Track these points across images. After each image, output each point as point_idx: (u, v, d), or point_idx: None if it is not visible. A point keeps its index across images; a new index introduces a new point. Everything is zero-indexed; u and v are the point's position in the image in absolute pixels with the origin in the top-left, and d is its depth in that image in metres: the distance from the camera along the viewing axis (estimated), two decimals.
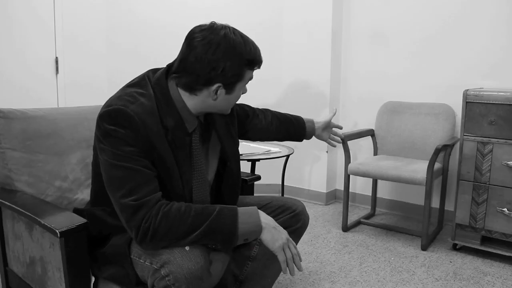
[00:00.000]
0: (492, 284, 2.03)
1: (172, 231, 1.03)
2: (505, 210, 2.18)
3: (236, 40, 1.11)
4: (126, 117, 1.06)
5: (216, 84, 1.12)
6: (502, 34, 2.54)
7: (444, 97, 2.74)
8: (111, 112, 1.07)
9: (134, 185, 1.04)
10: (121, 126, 1.06)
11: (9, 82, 2.75)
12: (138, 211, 1.03)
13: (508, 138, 2.15)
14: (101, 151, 1.09)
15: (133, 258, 1.12)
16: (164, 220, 1.03)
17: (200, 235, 1.05)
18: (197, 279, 1.02)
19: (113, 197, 1.08)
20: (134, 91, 1.13)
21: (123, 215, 1.05)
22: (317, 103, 3.18)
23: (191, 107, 1.16)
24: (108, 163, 1.07)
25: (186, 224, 1.04)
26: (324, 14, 3.06)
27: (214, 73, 1.09)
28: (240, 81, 1.15)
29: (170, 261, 1.03)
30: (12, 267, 1.46)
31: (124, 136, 1.05)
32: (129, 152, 1.05)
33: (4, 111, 1.39)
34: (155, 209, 1.04)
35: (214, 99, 1.15)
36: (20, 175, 1.39)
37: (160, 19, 3.21)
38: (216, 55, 1.08)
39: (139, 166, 1.06)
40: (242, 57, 1.11)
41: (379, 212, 3.10)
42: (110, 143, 1.06)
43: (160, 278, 1.03)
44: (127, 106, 1.07)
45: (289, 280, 2.06)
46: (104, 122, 1.07)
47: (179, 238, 1.04)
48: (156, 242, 1.04)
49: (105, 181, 1.10)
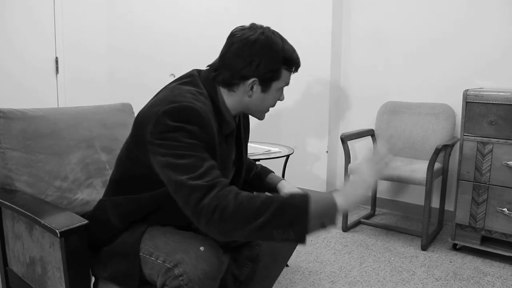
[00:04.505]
0: (492, 284, 2.03)
1: (242, 211, 0.96)
2: (505, 210, 2.18)
3: (273, 39, 1.14)
4: (195, 114, 1.04)
5: (252, 79, 1.13)
6: (502, 34, 2.54)
7: (444, 97, 2.74)
8: (179, 108, 1.03)
9: (204, 170, 0.99)
10: (190, 123, 1.02)
11: (9, 82, 2.75)
12: (211, 190, 0.97)
13: (508, 138, 2.15)
14: (158, 146, 1.03)
15: (143, 255, 1.10)
16: (235, 199, 0.96)
17: (270, 216, 0.95)
18: (210, 280, 1.02)
19: (179, 186, 0.99)
20: (193, 89, 1.13)
21: (192, 196, 0.97)
22: (317, 103, 3.18)
23: (230, 106, 1.18)
24: (171, 155, 1.01)
25: (256, 204, 0.96)
26: (324, 15, 3.06)
27: (250, 68, 1.12)
28: (276, 80, 1.15)
29: (184, 261, 1.01)
30: (12, 267, 1.46)
31: (191, 132, 1.02)
32: (194, 144, 1.02)
33: (4, 111, 1.39)
34: (227, 189, 0.99)
35: (249, 95, 1.16)
36: (20, 175, 1.39)
37: (159, 21, 3.21)
38: (253, 50, 1.11)
39: (205, 155, 1.03)
40: (278, 54, 1.13)
41: (379, 212, 3.10)
42: (172, 137, 1.02)
43: (173, 278, 1.02)
44: (194, 103, 1.06)
45: (289, 280, 2.06)
46: (168, 119, 1.02)
47: (249, 220, 0.95)
48: (225, 222, 0.95)
49: (165, 177, 1.03)
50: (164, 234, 1.12)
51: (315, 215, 0.96)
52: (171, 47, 3.35)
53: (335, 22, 3.08)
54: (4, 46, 2.72)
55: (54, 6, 2.92)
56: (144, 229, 1.15)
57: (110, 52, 3.25)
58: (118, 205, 1.21)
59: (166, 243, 1.09)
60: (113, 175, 1.27)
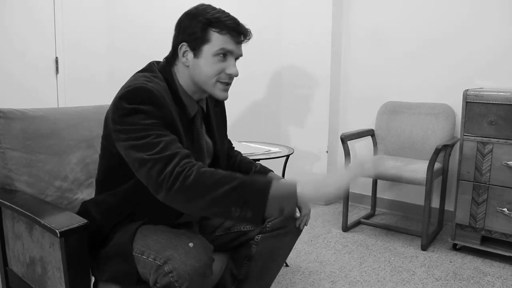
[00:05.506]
0: (492, 284, 2.03)
1: (203, 181, 0.98)
2: (505, 210, 2.18)
3: (202, 7, 1.18)
4: (147, 93, 1.08)
5: (181, 44, 1.17)
6: (502, 34, 2.54)
7: (444, 97, 2.74)
8: (132, 90, 1.08)
9: (163, 145, 1.03)
10: (143, 103, 1.06)
11: (9, 82, 2.75)
12: (172, 159, 1.01)
13: (508, 138, 2.15)
14: (118, 132, 1.08)
15: (136, 255, 1.11)
16: (196, 169, 1.00)
17: (230, 189, 0.97)
18: (200, 276, 1.02)
19: (142, 162, 1.03)
20: (147, 74, 1.17)
21: (154, 168, 1.01)
22: (317, 103, 3.18)
23: (186, 87, 1.21)
24: (132, 138, 1.05)
25: (218, 176, 0.99)
26: (324, 15, 3.06)
27: (178, 35, 1.19)
28: (206, 43, 1.16)
29: (173, 257, 1.02)
30: (12, 267, 1.46)
31: (147, 112, 1.06)
32: (151, 124, 1.06)
33: (4, 111, 1.39)
34: (188, 159, 1.02)
35: (186, 64, 1.18)
36: (20, 175, 1.39)
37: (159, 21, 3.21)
38: (181, 19, 1.20)
39: (164, 132, 1.06)
40: (201, 16, 1.16)
41: (379, 212, 3.10)
42: (131, 121, 1.06)
43: (163, 275, 1.03)
44: (147, 84, 1.10)
45: (289, 280, 2.06)
46: (124, 102, 1.07)
47: (209, 190, 0.98)
48: (185, 190, 0.98)
49: (129, 158, 1.06)
50: (155, 233, 1.13)
51: (275, 199, 0.97)
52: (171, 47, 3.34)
53: (335, 22, 3.08)
54: (4, 46, 2.72)
55: (54, 6, 2.92)
56: (136, 228, 1.16)
57: (110, 52, 3.25)
58: (98, 203, 1.25)
59: (157, 241, 1.10)
60: (96, 176, 1.32)
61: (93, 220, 1.20)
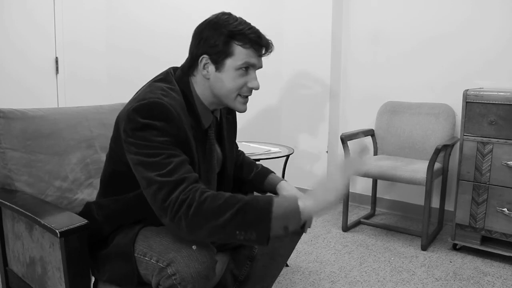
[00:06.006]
0: (492, 284, 2.03)
1: (205, 208, 0.98)
2: (505, 210, 2.18)
3: (223, 17, 1.15)
4: (163, 110, 1.05)
5: (202, 56, 1.15)
6: (502, 34, 2.54)
7: (444, 97, 2.74)
8: (147, 105, 1.05)
9: (172, 166, 1.02)
10: (157, 119, 1.04)
11: (9, 82, 2.75)
12: (179, 185, 1.00)
13: (508, 138, 2.15)
14: (129, 145, 1.06)
15: (138, 256, 1.11)
16: (200, 196, 0.99)
17: (233, 215, 0.97)
18: (203, 279, 1.02)
19: (149, 182, 1.02)
20: (164, 86, 1.14)
21: (161, 192, 1.00)
22: (317, 103, 3.18)
23: (203, 99, 1.19)
24: (142, 154, 1.04)
25: (219, 201, 0.99)
26: (324, 15, 3.06)
27: (198, 45, 1.15)
28: (229, 57, 1.13)
29: (177, 260, 1.02)
30: (12, 267, 1.45)
31: (160, 128, 1.04)
32: (163, 142, 1.04)
33: (4, 111, 1.39)
34: (195, 186, 1.01)
35: (207, 77, 1.16)
36: (20, 175, 1.39)
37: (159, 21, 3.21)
38: (201, 29, 1.16)
39: (175, 151, 1.05)
40: (222, 28, 1.13)
41: (379, 212, 3.10)
42: (142, 136, 1.04)
43: (166, 277, 1.02)
44: (162, 99, 1.07)
45: (289, 280, 2.06)
46: (137, 116, 1.05)
47: (212, 217, 0.97)
48: (189, 218, 0.98)
49: (138, 174, 1.06)
50: (157, 234, 1.13)
51: (278, 218, 0.97)
52: (171, 46, 3.35)
53: (335, 22, 3.08)
54: (4, 46, 2.72)
55: (54, 6, 2.92)
56: (138, 230, 1.16)
57: (110, 52, 3.25)
58: (103, 206, 1.24)
59: (160, 243, 1.09)
60: (101, 176, 1.30)
61: (94, 221, 1.19)
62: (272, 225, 0.97)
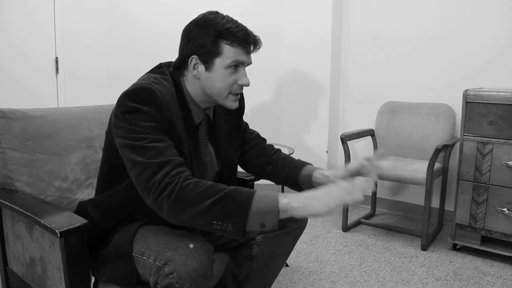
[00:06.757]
0: (492, 284, 2.03)
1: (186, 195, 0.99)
2: (505, 210, 2.18)
3: (210, 17, 1.16)
4: (151, 94, 1.08)
5: (191, 56, 1.16)
6: (502, 34, 2.54)
7: (444, 97, 2.74)
8: (137, 89, 1.09)
9: (157, 150, 1.04)
10: (144, 103, 1.07)
11: (9, 82, 2.75)
12: (162, 168, 1.02)
13: (508, 138, 2.15)
14: (118, 128, 1.09)
15: (136, 255, 1.11)
16: (182, 181, 1.01)
17: (212, 203, 0.98)
18: (201, 277, 1.02)
19: (134, 163, 1.05)
20: (158, 76, 1.17)
21: (145, 172, 1.03)
22: (317, 103, 3.18)
23: (194, 95, 1.21)
24: (129, 138, 1.06)
25: (200, 188, 1.00)
26: (324, 15, 3.06)
27: (187, 46, 1.16)
28: (218, 56, 1.14)
29: (174, 259, 1.02)
30: (12, 267, 1.45)
31: (146, 112, 1.07)
32: (149, 127, 1.06)
33: (4, 111, 1.39)
34: (180, 170, 1.03)
35: (197, 76, 1.17)
36: (20, 175, 1.39)
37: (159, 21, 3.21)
38: (189, 29, 1.17)
39: (160, 137, 1.07)
40: (210, 27, 1.14)
41: (379, 212, 3.10)
42: (129, 119, 1.07)
43: (164, 276, 1.02)
44: (152, 85, 1.10)
45: (289, 280, 2.06)
46: (127, 99, 1.08)
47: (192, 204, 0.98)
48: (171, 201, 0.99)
49: (124, 157, 1.08)
50: (155, 234, 1.13)
51: (256, 214, 0.97)
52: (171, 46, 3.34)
53: (335, 22, 3.08)
54: (4, 46, 2.72)
55: (54, 6, 2.91)
56: (136, 229, 1.16)
57: (110, 52, 3.24)
58: (97, 203, 1.25)
59: (157, 242, 1.10)
60: (98, 174, 1.32)
61: (90, 220, 1.19)
62: (249, 220, 0.97)
